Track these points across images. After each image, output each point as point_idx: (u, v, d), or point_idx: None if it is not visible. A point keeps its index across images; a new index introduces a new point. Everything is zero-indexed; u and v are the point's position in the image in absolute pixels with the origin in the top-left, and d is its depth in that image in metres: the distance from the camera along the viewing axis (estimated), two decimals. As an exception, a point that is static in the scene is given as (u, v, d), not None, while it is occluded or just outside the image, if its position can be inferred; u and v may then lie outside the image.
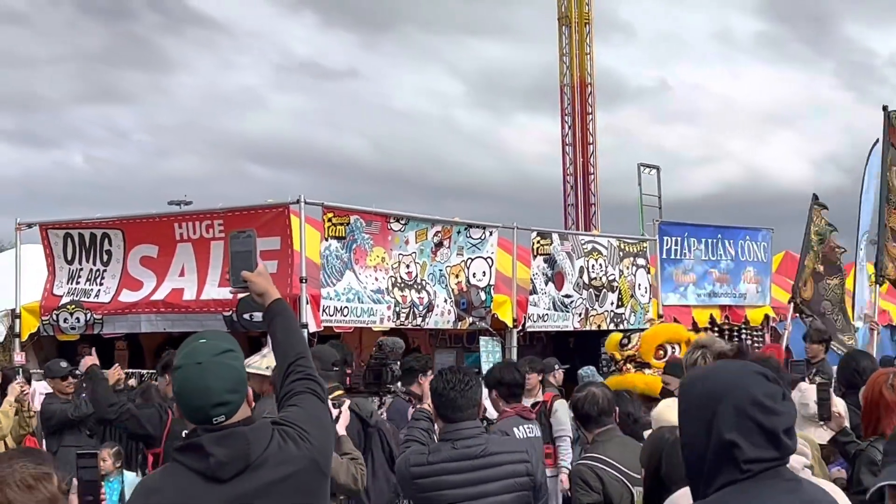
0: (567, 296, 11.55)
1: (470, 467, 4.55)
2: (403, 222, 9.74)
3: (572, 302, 11.62)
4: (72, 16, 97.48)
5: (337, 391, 5.77)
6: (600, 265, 12.06)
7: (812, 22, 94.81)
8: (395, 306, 9.50)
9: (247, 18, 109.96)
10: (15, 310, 10.07)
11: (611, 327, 11.75)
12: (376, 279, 9.35)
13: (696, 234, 13.66)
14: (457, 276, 10.25)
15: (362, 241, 9.23)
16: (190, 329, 8.18)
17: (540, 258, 11.26)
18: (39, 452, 3.16)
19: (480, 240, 10.51)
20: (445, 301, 10.10)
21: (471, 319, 10.35)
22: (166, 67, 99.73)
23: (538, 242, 11.26)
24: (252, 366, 5.31)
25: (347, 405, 5.34)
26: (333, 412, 4.76)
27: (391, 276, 9.51)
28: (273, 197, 9.15)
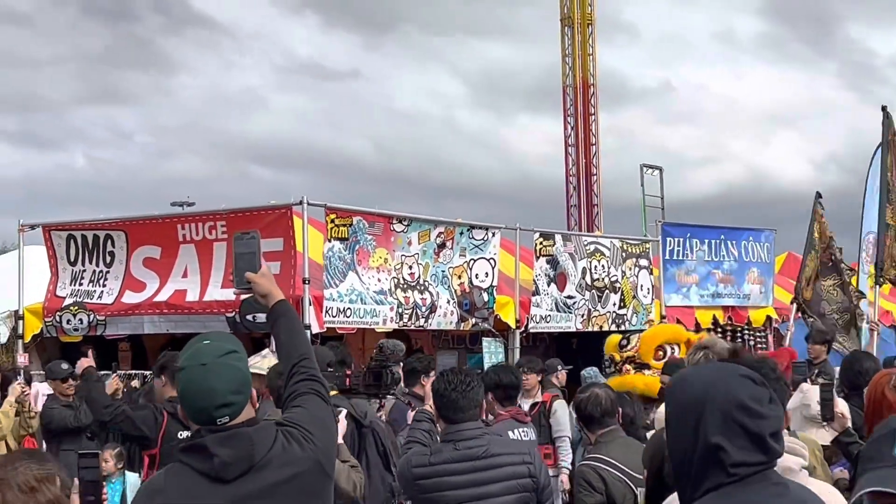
0: (570, 297, 11.55)
1: (472, 468, 4.55)
2: (406, 223, 9.75)
3: (575, 303, 11.62)
4: (74, 17, 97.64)
5: (332, 392, 5.76)
6: (603, 266, 12.06)
7: (814, 22, 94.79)
8: (398, 307, 9.51)
9: (248, 19, 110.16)
10: (18, 311, 10.08)
11: (613, 328, 11.75)
12: (379, 280, 9.36)
13: (699, 235, 13.66)
14: (459, 277, 10.26)
15: (365, 243, 9.24)
16: (193, 330, 8.19)
17: (543, 259, 11.26)
18: (43, 455, 3.17)
19: (483, 241, 10.51)
20: (448, 302, 10.11)
21: (473, 320, 10.35)
22: (168, 68, 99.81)
23: (541, 243, 11.26)
24: (254, 367, 5.31)
25: (344, 414, 5.33)
26: None
27: (394, 278, 9.52)
28: (275, 198, 9.18)
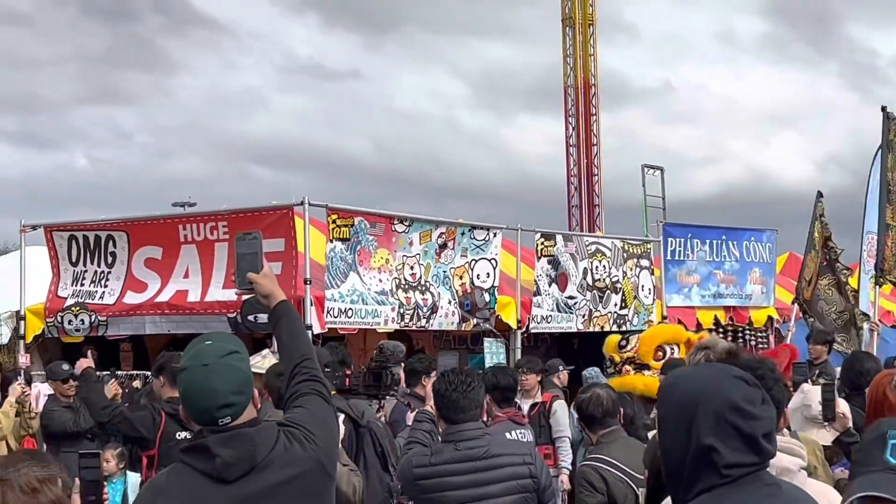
0: (571, 297, 11.56)
1: (472, 468, 4.56)
2: (407, 224, 9.76)
3: (576, 303, 11.62)
4: (74, 17, 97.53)
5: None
6: (604, 266, 12.07)
7: (815, 23, 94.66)
8: (400, 308, 9.52)
9: (249, 19, 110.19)
10: (20, 311, 10.08)
11: (614, 329, 11.74)
12: (380, 281, 9.37)
13: (701, 236, 13.66)
14: (461, 278, 10.27)
15: (366, 243, 9.25)
16: (194, 331, 8.20)
17: (544, 259, 11.27)
18: (45, 456, 3.17)
19: (484, 241, 10.52)
20: (449, 302, 10.11)
21: (475, 321, 10.36)
22: (169, 68, 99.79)
23: (542, 244, 11.27)
24: (254, 366, 5.31)
25: (343, 419, 5.34)
26: None
27: (395, 278, 9.53)
28: (275, 198, 9.21)
